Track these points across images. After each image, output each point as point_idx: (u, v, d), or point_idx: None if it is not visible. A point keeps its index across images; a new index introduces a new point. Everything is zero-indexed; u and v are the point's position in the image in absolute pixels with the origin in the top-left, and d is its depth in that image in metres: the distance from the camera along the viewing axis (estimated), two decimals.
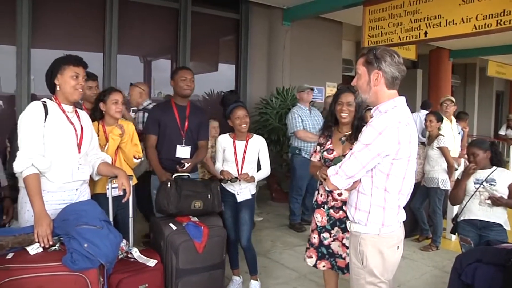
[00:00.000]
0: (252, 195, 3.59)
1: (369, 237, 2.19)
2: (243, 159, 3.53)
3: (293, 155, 5.62)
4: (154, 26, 7.03)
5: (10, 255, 2.19)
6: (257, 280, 3.70)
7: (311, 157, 3.25)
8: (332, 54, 8.90)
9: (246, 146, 3.55)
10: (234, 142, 3.57)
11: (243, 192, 3.53)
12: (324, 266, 3.10)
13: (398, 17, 6.11)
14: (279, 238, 5.26)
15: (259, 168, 3.66)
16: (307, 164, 5.42)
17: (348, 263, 2.97)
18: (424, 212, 5.23)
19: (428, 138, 5.24)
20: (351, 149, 2.87)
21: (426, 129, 5.20)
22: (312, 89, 5.86)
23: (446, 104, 5.95)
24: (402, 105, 2.15)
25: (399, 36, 6.12)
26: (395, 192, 2.15)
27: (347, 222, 2.35)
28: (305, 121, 5.56)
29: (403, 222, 2.28)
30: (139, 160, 3.37)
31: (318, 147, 3.12)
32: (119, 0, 6.29)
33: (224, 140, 3.61)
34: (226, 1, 7.59)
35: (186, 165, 3.42)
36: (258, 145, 3.60)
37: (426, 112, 6.61)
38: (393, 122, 2.03)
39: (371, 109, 2.26)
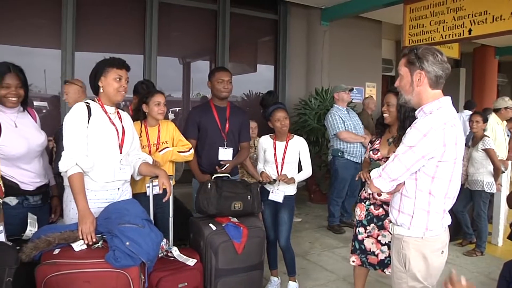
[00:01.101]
0: (291, 196, 3.57)
1: (412, 240, 2.13)
2: (283, 160, 3.52)
3: (334, 157, 5.51)
4: (193, 28, 7.11)
5: (56, 251, 2.26)
6: (295, 281, 3.68)
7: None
8: (371, 53, 8.76)
9: (286, 147, 3.54)
10: (274, 143, 3.57)
11: (278, 193, 3.51)
12: (354, 262, 3.16)
13: (440, 14, 5.91)
14: (318, 240, 5.22)
15: (300, 169, 3.63)
16: (349, 167, 5.42)
17: (380, 260, 3.03)
18: (468, 216, 5.06)
19: (472, 139, 5.06)
20: (394, 151, 2.87)
21: (471, 130, 5.02)
22: (352, 90, 5.77)
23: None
24: (448, 105, 2.07)
25: (442, 35, 5.94)
26: (440, 196, 2.08)
27: (390, 225, 2.31)
28: (346, 122, 5.45)
29: None
30: (189, 152, 3.37)
31: (369, 145, 3.21)
32: (158, 4, 6.40)
33: (265, 141, 3.63)
34: (264, 2, 7.60)
35: (226, 166, 3.43)
36: (299, 146, 3.58)
37: (470, 112, 6.40)
38: (438, 124, 1.97)
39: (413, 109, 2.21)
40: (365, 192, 3.15)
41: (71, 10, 5.73)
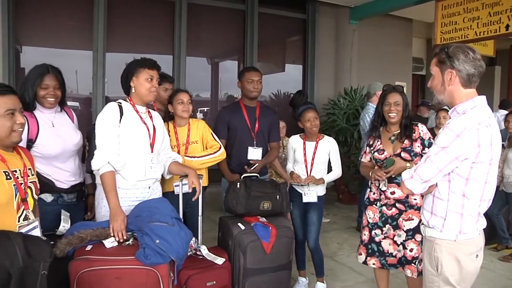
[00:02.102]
0: (320, 197, 3.55)
1: (444, 243, 2.07)
2: (313, 160, 3.50)
3: None
4: (221, 28, 7.16)
5: (89, 247, 2.32)
6: (323, 282, 3.66)
7: (361, 158, 3.30)
8: (401, 52, 8.63)
9: (316, 147, 3.52)
10: (304, 143, 3.56)
11: (311, 193, 3.50)
12: (374, 264, 3.11)
13: (474, 11, 5.74)
14: (346, 241, 5.17)
15: (330, 169, 3.61)
16: None
17: (399, 258, 2.99)
18: (503, 219, 4.91)
19: (508, 139, 4.91)
20: (402, 147, 2.92)
21: (507, 130, 4.86)
22: None
23: None
24: (482, 105, 2.01)
25: (475, 32, 5.76)
26: (475, 198, 2.02)
27: (421, 226, 2.26)
28: None
29: None
30: (219, 152, 3.31)
31: (368, 148, 3.18)
32: (187, 4, 6.47)
33: (295, 141, 3.62)
34: (292, 2, 7.58)
35: (255, 165, 3.44)
36: (328, 147, 3.56)
37: (505, 112, 6.20)
38: (472, 124, 1.91)
39: (446, 109, 2.16)
40: (373, 194, 3.11)
41: (102, 13, 5.86)
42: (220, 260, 2.81)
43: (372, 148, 3.12)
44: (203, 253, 2.84)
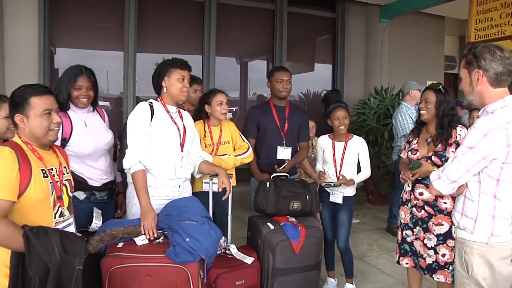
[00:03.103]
0: (350, 197, 3.51)
1: (475, 245, 2.02)
2: (342, 161, 3.47)
3: (400, 157, 5.33)
4: (250, 27, 7.17)
5: (120, 244, 2.36)
6: (352, 283, 3.61)
7: (400, 154, 3.28)
8: (433, 51, 8.45)
9: (345, 147, 3.48)
10: (333, 143, 3.52)
11: (337, 195, 3.47)
12: (407, 264, 3.08)
13: None
14: (376, 242, 5.10)
15: (359, 170, 3.57)
16: None
17: (428, 264, 2.93)
18: None
19: None
20: (434, 151, 2.85)
21: None
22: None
23: None
24: None
25: None
26: (507, 200, 1.97)
27: (452, 228, 2.22)
28: None
29: None
30: (247, 153, 3.37)
31: (407, 145, 3.13)
32: (217, 4, 6.51)
33: (324, 141, 3.59)
34: (321, 0, 7.53)
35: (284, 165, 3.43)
36: (358, 147, 3.52)
37: None
38: (501, 123, 1.87)
39: (479, 109, 2.11)
40: (405, 194, 3.07)
41: (133, 14, 5.96)
42: (249, 260, 2.81)
43: (408, 146, 3.09)
44: (232, 252, 2.85)
